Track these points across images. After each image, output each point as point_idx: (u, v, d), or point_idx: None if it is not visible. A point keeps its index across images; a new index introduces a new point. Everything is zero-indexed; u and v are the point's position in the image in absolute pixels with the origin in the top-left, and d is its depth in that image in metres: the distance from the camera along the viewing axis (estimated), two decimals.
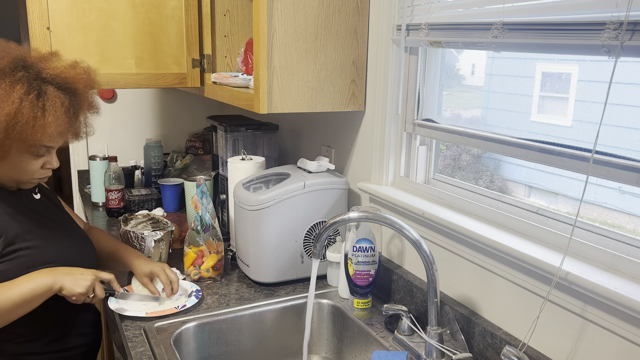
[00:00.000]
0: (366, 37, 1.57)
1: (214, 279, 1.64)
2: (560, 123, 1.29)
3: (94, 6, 1.77)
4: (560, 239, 1.09)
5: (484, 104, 1.50)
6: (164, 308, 1.44)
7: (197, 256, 1.63)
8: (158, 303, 1.46)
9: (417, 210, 1.37)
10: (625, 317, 0.93)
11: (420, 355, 1.22)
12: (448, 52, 1.47)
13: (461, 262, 1.30)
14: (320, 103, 1.56)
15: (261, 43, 1.45)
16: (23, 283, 1.22)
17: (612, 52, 0.88)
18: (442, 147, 1.55)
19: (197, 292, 1.52)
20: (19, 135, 1.17)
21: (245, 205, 1.56)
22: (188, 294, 1.51)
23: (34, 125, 1.18)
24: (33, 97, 1.18)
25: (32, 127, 1.18)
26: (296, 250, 1.58)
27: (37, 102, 1.18)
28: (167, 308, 1.43)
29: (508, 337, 1.16)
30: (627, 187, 1.06)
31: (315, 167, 1.62)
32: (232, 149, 1.92)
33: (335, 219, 1.19)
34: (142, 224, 1.75)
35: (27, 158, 1.25)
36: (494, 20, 1.11)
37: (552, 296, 1.06)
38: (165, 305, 1.45)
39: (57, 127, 1.21)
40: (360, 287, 1.43)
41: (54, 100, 1.21)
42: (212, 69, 1.97)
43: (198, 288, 1.54)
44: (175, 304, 1.45)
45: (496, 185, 1.43)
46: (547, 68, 1.30)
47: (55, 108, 1.20)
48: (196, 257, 1.63)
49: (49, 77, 1.23)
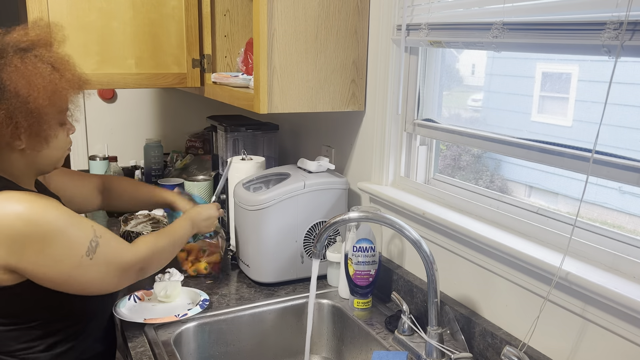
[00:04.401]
0: (366, 37, 1.57)
1: (215, 277, 1.64)
2: (561, 123, 1.29)
3: (93, 6, 1.77)
4: (560, 239, 1.09)
5: (484, 104, 1.50)
6: (162, 315, 1.40)
7: (188, 254, 1.63)
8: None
9: (417, 210, 1.36)
10: (626, 317, 0.93)
11: (420, 355, 1.22)
12: (448, 52, 1.47)
13: (461, 262, 1.30)
14: (320, 103, 1.56)
15: (261, 43, 1.45)
16: (179, 230, 1.39)
17: (612, 52, 0.88)
18: (442, 147, 1.55)
19: (203, 301, 1.46)
20: (58, 102, 1.15)
21: (245, 205, 1.56)
22: (196, 303, 1.46)
23: (59, 84, 1.15)
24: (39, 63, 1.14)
25: (61, 88, 1.15)
26: (296, 250, 1.58)
27: (45, 65, 1.14)
28: (166, 316, 1.39)
29: (508, 337, 1.16)
30: (627, 187, 1.06)
31: (316, 167, 1.62)
32: (232, 149, 1.92)
33: (335, 219, 1.19)
34: (142, 224, 1.75)
35: (58, 130, 1.20)
36: (494, 20, 1.11)
37: (552, 296, 1.06)
38: (165, 312, 1.42)
39: (72, 75, 1.19)
40: (360, 287, 1.43)
41: (51, 57, 1.18)
42: (212, 69, 1.97)
43: (206, 297, 1.48)
44: (176, 312, 1.42)
45: (496, 185, 1.43)
46: (547, 68, 1.30)
47: (62, 62, 1.18)
48: (188, 254, 1.63)
49: (26, 46, 1.16)
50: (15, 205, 1.08)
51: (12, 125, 1.10)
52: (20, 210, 1.07)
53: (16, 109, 1.09)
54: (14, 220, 1.06)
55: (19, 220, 1.07)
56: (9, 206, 1.08)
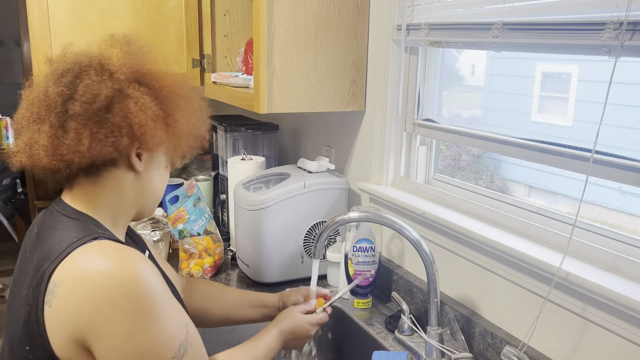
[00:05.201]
0: (366, 37, 1.57)
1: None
2: (561, 123, 1.29)
3: (93, 6, 1.77)
4: (560, 239, 1.09)
5: (484, 104, 1.50)
6: None
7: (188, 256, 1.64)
8: None
9: (417, 210, 1.36)
10: (625, 317, 0.93)
11: (420, 355, 1.22)
12: (448, 52, 1.47)
13: (461, 262, 1.30)
14: (320, 103, 1.56)
15: (261, 43, 1.45)
16: (263, 349, 1.08)
17: (612, 52, 0.88)
18: (442, 147, 1.55)
19: None
20: (196, 128, 1.00)
21: (245, 205, 1.56)
22: None
23: (205, 112, 1.02)
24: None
25: (205, 117, 1.02)
26: (296, 250, 1.58)
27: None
28: None
29: (508, 337, 1.16)
30: (627, 187, 1.06)
31: (316, 167, 1.62)
32: (232, 149, 1.92)
33: (335, 219, 1.19)
34: (142, 224, 1.75)
35: (165, 171, 1.03)
36: (494, 20, 1.11)
37: (552, 296, 1.06)
38: None
39: (201, 116, 1.03)
40: (360, 287, 1.43)
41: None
42: (212, 69, 1.97)
43: None
44: None
45: (496, 185, 1.43)
46: (547, 68, 1.30)
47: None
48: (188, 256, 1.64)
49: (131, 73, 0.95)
50: (119, 266, 0.82)
51: (164, 128, 0.93)
52: (122, 276, 0.81)
53: (173, 108, 0.94)
54: (110, 279, 0.80)
55: (118, 287, 0.80)
56: (108, 261, 0.82)
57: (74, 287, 0.80)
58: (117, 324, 0.80)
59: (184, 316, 0.90)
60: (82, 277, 0.80)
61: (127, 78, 0.91)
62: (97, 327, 0.79)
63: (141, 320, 0.81)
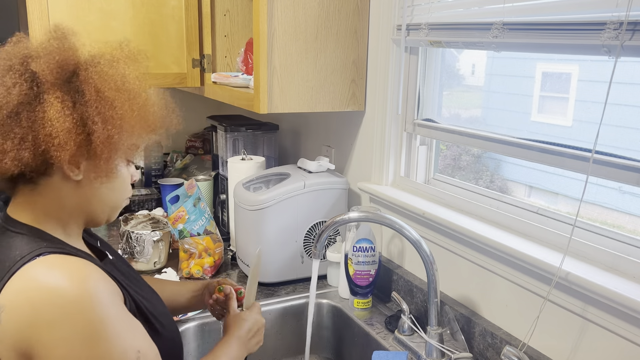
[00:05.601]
0: (366, 37, 1.57)
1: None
2: (561, 123, 1.29)
3: (94, 6, 1.77)
4: (560, 239, 1.09)
5: (484, 104, 1.50)
6: None
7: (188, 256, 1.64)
8: None
9: (417, 210, 1.36)
10: (625, 317, 0.93)
11: (420, 355, 1.22)
12: (448, 52, 1.47)
13: (461, 262, 1.30)
14: (321, 103, 1.56)
15: (261, 43, 1.45)
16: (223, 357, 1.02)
17: (612, 52, 0.88)
18: (442, 147, 1.55)
19: None
20: (144, 120, 0.93)
21: (245, 205, 1.56)
22: None
23: (150, 100, 0.96)
24: (132, 72, 0.96)
25: (152, 105, 0.95)
26: (296, 250, 1.58)
27: (137, 76, 0.97)
28: None
29: (508, 337, 1.16)
30: (627, 187, 1.06)
31: (316, 167, 1.62)
32: (232, 149, 1.92)
33: (335, 219, 1.19)
34: (142, 224, 1.75)
35: (123, 166, 0.96)
36: (494, 20, 1.11)
37: (552, 296, 1.06)
38: None
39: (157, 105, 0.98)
40: (360, 287, 1.43)
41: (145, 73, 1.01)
42: (212, 69, 1.97)
43: None
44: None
45: (496, 185, 1.43)
46: (547, 68, 1.30)
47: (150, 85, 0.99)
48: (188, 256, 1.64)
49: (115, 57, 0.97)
50: (63, 285, 0.78)
51: (83, 136, 0.84)
52: (67, 296, 0.77)
53: (95, 114, 0.84)
54: (57, 299, 0.77)
55: (61, 308, 0.77)
56: (55, 279, 0.78)
57: (15, 312, 0.77)
58: (58, 348, 0.76)
59: (139, 339, 0.84)
60: (22, 301, 0.77)
61: (54, 79, 0.83)
62: (41, 349, 0.76)
63: (82, 344, 0.77)
